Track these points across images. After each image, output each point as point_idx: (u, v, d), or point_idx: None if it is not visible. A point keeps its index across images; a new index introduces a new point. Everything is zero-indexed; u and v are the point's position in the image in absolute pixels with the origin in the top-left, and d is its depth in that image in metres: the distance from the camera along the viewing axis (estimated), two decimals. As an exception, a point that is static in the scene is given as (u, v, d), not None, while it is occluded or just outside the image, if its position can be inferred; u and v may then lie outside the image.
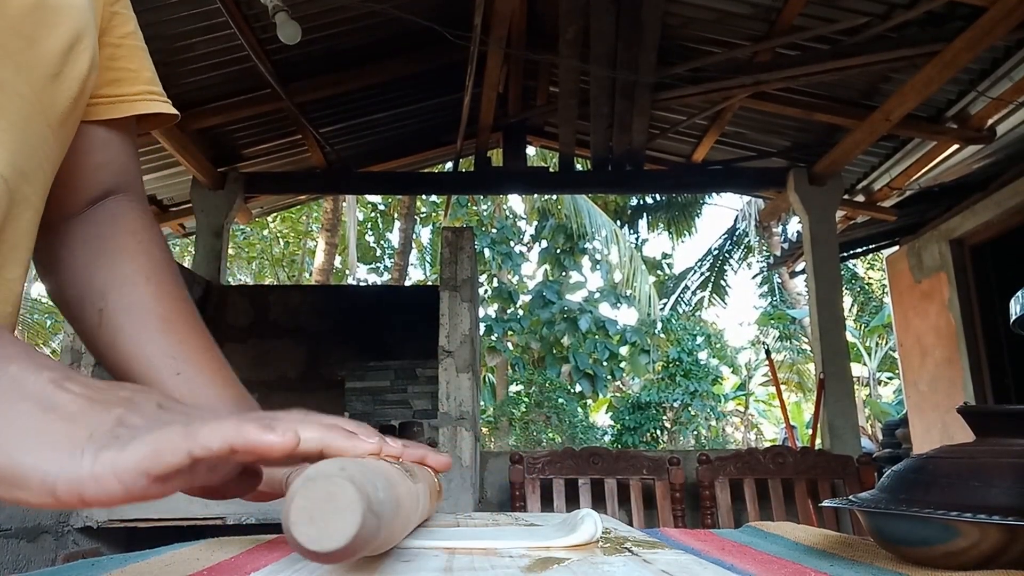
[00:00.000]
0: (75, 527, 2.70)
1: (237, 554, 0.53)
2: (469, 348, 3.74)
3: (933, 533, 0.47)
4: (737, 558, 0.52)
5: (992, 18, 3.08)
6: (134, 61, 0.63)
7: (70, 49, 0.53)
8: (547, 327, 13.00)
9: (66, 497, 0.31)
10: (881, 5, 3.47)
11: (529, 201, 14.29)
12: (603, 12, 3.61)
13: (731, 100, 4.28)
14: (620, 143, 4.62)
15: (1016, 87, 3.67)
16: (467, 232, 4.25)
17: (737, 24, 3.89)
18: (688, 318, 15.35)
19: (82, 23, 0.54)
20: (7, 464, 0.31)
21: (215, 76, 4.11)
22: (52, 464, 0.31)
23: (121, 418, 0.34)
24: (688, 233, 15.03)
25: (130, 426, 0.33)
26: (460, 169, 5.72)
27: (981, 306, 4.99)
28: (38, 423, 0.32)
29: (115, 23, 0.61)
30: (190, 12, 3.49)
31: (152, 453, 0.31)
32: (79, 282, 0.61)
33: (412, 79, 4.61)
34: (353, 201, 11.70)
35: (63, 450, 0.32)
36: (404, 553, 0.45)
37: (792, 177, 4.64)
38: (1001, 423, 0.53)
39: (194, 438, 0.32)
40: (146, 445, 0.32)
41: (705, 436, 14.61)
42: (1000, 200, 4.61)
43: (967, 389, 4.95)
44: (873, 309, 14.18)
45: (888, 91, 3.96)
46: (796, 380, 15.12)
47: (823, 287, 4.45)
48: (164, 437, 0.32)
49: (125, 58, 0.62)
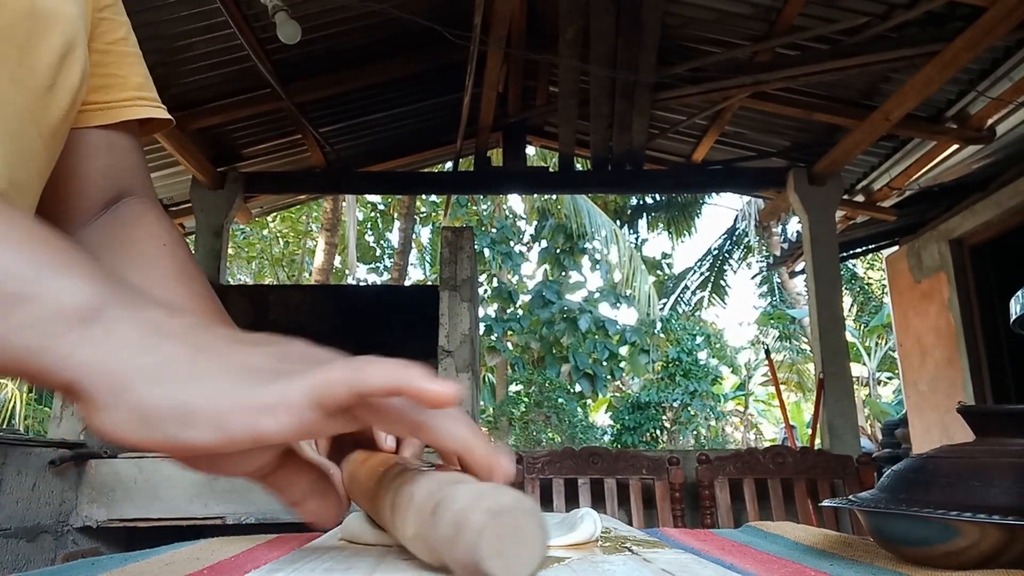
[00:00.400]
0: (74, 527, 2.70)
1: (237, 554, 0.53)
2: (469, 348, 3.74)
3: (933, 533, 0.47)
4: (737, 558, 0.52)
5: (992, 18, 3.08)
6: (123, 67, 0.63)
7: (63, 59, 0.53)
8: (547, 327, 13.01)
9: (239, 433, 0.30)
10: (881, 5, 3.47)
11: (529, 201, 14.30)
12: (603, 12, 3.61)
13: (731, 100, 4.28)
14: (620, 143, 4.62)
15: (1016, 87, 3.67)
16: (467, 232, 4.25)
17: (737, 24, 3.89)
18: (688, 318, 15.36)
19: (74, 32, 0.54)
20: (173, 403, 0.30)
21: (215, 76, 4.10)
22: (222, 399, 0.30)
23: (274, 354, 0.33)
24: (688, 233, 15.04)
25: (286, 362, 0.33)
26: (460, 169, 5.72)
27: (981, 306, 4.99)
28: (195, 362, 0.32)
29: (103, 29, 0.61)
30: (190, 12, 3.49)
31: (322, 385, 0.31)
32: None
33: (412, 79, 4.61)
34: (353, 201, 11.71)
35: (230, 386, 0.31)
36: (404, 551, 0.45)
37: (792, 177, 4.64)
38: (1001, 423, 0.53)
39: (361, 374, 0.31)
40: (314, 378, 0.31)
41: (705, 436, 14.61)
42: (1000, 200, 4.61)
43: (967, 389, 4.95)
44: (873, 309, 14.19)
45: (888, 91, 3.96)
46: (796, 380, 15.13)
47: (823, 287, 4.45)
48: (331, 372, 0.31)
49: (113, 64, 0.62)
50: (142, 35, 0.65)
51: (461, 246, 4.09)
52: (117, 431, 0.31)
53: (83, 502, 2.74)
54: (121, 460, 2.81)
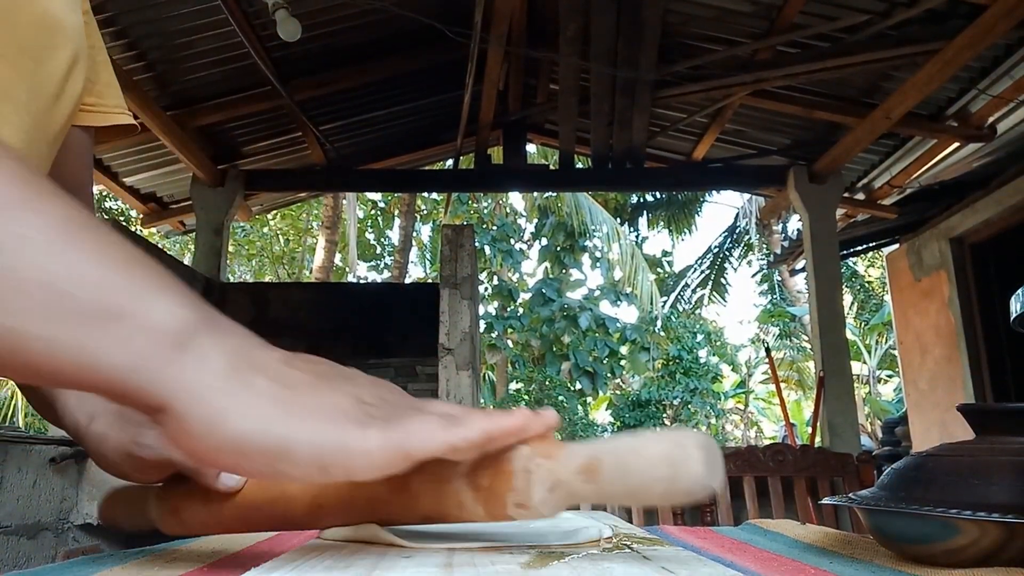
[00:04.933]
0: (75, 524, 2.70)
1: (238, 551, 0.53)
2: (469, 346, 3.74)
3: (933, 531, 0.47)
4: (737, 555, 0.52)
5: (993, 16, 3.08)
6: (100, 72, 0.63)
7: (70, 70, 0.54)
8: (547, 325, 13.00)
9: (335, 471, 0.32)
10: (882, 3, 3.47)
11: (529, 198, 14.28)
12: (604, 10, 3.60)
13: (731, 98, 4.28)
14: (620, 140, 4.61)
15: (1016, 85, 3.66)
16: (467, 230, 4.26)
17: (738, 22, 3.88)
18: (688, 316, 15.35)
19: (79, 43, 0.54)
20: (272, 440, 0.31)
21: (215, 73, 4.10)
22: (323, 441, 0.32)
23: (358, 396, 0.35)
24: (688, 231, 15.02)
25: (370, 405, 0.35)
26: (460, 166, 5.71)
27: (981, 304, 4.99)
28: (289, 401, 0.33)
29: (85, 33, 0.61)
30: (191, 9, 3.49)
31: (421, 442, 0.33)
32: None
33: (412, 76, 4.61)
34: (353, 198, 11.70)
35: (327, 427, 0.33)
36: (404, 550, 0.46)
37: (792, 175, 4.64)
38: (1001, 421, 0.53)
39: (456, 434, 0.34)
40: (411, 431, 0.34)
41: (705, 434, 14.60)
42: (1000, 198, 4.61)
43: (967, 387, 4.95)
44: (873, 307, 14.18)
45: (889, 89, 3.95)
46: (796, 378, 15.13)
47: (823, 285, 4.45)
48: (427, 427, 0.34)
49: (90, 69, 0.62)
50: (143, 32, 0.65)
51: (461, 244, 4.09)
52: (208, 458, 0.32)
53: (84, 499, 2.74)
54: (122, 457, 2.81)
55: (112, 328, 0.31)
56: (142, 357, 0.31)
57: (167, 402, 0.32)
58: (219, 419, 0.32)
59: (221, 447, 0.32)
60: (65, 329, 0.30)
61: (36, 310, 0.30)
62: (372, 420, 0.34)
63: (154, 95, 3.98)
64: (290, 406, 0.33)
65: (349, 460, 0.33)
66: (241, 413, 0.32)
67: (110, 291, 0.31)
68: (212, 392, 0.32)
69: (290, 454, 0.32)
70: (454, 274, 3.99)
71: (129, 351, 0.31)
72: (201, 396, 0.32)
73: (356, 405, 0.35)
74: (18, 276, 0.30)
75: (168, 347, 0.32)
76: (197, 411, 0.32)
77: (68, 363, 0.31)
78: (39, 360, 0.30)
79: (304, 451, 0.32)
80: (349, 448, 0.33)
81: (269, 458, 0.32)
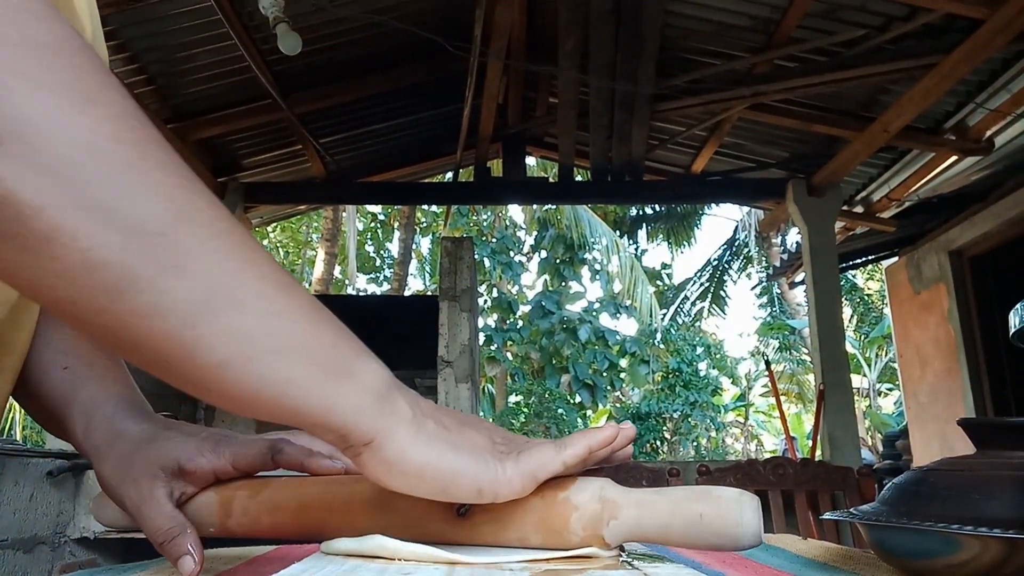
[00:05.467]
0: (72, 538, 2.69)
1: (235, 566, 0.53)
2: (468, 358, 3.74)
3: (934, 546, 0.47)
4: (738, 571, 0.52)
5: (990, 30, 3.09)
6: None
7: None
8: (547, 337, 12.99)
9: (487, 494, 0.43)
10: (879, 17, 3.49)
11: (529, 211, 14.31)
12: (603, 24, 3.62)
13: (730, 111, 4.30)
14: (619, 154, 4.63)
15: (1014, 99, 3.68)
16: (466, 242, 4.27)
17: (736, 36, 3.90)
18: (688, 328, 15.34)
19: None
20: (447, 469, 0.42)
21: (216, 86, 4.12)
22: (481, 471, 0.43)
23: (491, 437, 0.46)
24: (687, 243, 15.05)
25: (502, 444, 0.46)
26: (460, 179, 5.73)
27: (980, 317, 4.99)
28: (451, 440, 0.43)
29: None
30: (192, 23, 3.51)
31: (540, 464, 0.44)
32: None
33: (412, 90, 4.62)
34: (353, 211, 11.72)
35: (479, 461, 0.43)
36: (404, 566, 0.45)
37: (791, 188, 4.65)
38: (1001, 435, 0.53)
39: (564, 450, 0.45)
40: (533, 459, 0.44)
41: (705, 447, 14.59)
42: (999, 211, 4.62)
43: (967, 400, 4.94)
44: (873, 320, 14.19)
45: (887, 103, 3.97)
46: (796, 391, 15.10)
47: (822, 298, 4.46)
48: (546, 451, 0.45)
49: None
50: (144, 46, 0.65)
51: (461, 256, 4.10)
52: (397, 482, 0.42)
53: (80, 513, 2.73)
54: (119, 471, 2.79)
55: (344, 383, 0.40)
56: (363, 405, 0.41)
57: (372, 440, 0.41)
58: (408, 453, 0.42)
59: (407, 472, 0.42)
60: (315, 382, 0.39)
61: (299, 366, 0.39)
62: (505, 455, 0.44)
63: (155, 108, 3.99)
64: (452, 445, 0.43)
65: (496, 486, 0.43)
66: (422, 449, 0.42)
67: (342, 351, 0.41)
68: (403, 433, 0.42)
69: (457, 481, 0.42)
70: (453, 286, 3.99)
71: (356, 401, 0.41)
72: (396, 435, 0.42)
73: (492, 444, 0.45)
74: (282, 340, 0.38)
75: (376, 398, 0.41)
76: (393, 446, 0.41)
77: (311, 407, 0.39)
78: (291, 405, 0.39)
79: (467, 479, 0.42)
80: (496, 477, 0.43)
81: (441, 483, 0.42)
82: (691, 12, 3.85)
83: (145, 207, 0.33)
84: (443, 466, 0.42)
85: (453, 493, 0.43)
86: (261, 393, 0.38)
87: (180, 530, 0.49)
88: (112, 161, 0.33)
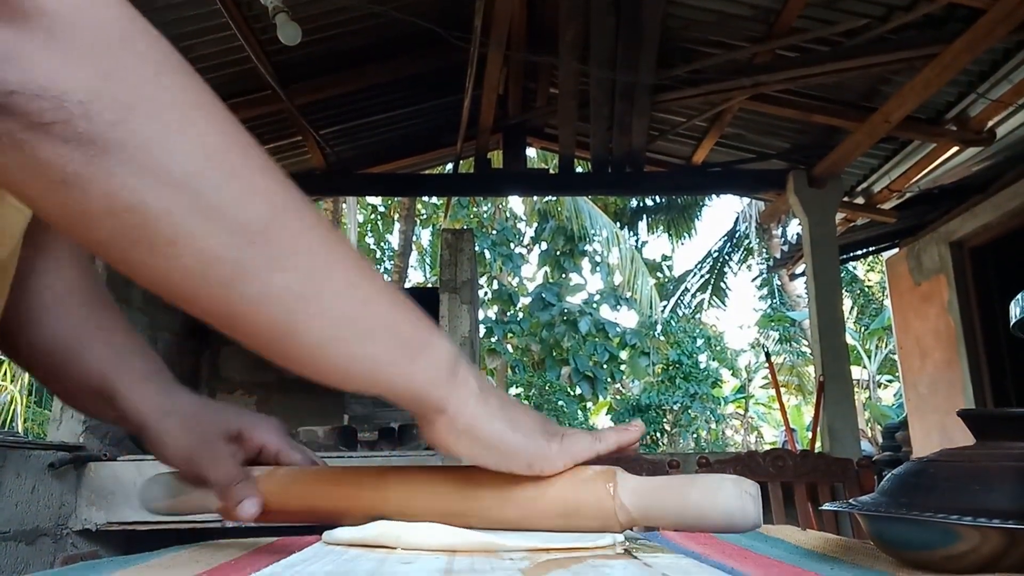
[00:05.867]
0: (73, 529, 2.70)
1: (237, 556, 0.53)
2: (468, 350, 3.74)
3: (933, 537, 0.47)
4: (738, 561, 0.52)
5: (991, 20, 3.08)
6: None
7: None
8: (547, 329, 12.99)
9: (536, 468, 0.48)
10: (880, 7, 3.47)
11: (529, 203, 14.29)
12: (603, 14, 3.61)
13: (731, 102, 4.29)
14: (620, 145, 4.62)
15: (1016, 89, 3.67)
16: (467, 234, 4.26)
17: (736, 26, 3.89)
18: (688, 320, 15.35)
19: None
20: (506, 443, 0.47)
21: (215, 77, 4.10)
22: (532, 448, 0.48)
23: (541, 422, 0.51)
24: (688, 235, 15.02)
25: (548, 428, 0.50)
26: (460, 171, 5.72)
27: (981, 309, 4.99)
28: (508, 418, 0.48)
29: None
30: (190, 13, 3.49)
31: (580, 450, 0.50)
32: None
33: (412, 80, 4.61)
34: (353, 202, 11.72)
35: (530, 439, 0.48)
36: (405, 555, 0.46)
37: (792, 179, 4.64)
38: (1001, 426, 0.53)
39: (599, 442, 0.51)
40: (575, 444, 0.50)
41: (705, 439, 14.61)
42: (1000, 203, 4.61)
43: (967, 392, 4.94)
44: (873, 311, 14.18)
45: (888, 93, 3.96)
46: (796, 383, 15.11)
47: (823, 289, 4.45)
48: (585, 439, 0.51)
49: None
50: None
51: (461, 248, 4.10)
52: (462, 450, 0.47)
53: (82, 505, 2.74)
54: (120, 463, 2.80)
55: (421, 358, 0.44)
56: (439, 377, 0.45)
57: (443, 409, 0.45)
58: (476, 423, 0.46)
59: (474, 441, 0.47)
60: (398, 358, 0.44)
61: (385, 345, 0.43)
62: (552, 436, 0.49)
63: (154, 99, 3.98)
64: (512, 421, 0.48)
65: (545, 462, 0.48)
66: (490, 421, 0.47)
67: (419, 330, 0.45)
68: (472, 404, 0.46)
69: (515, 454, 0.47)
70: (454, 278, 3.99)
71: (433, 373, 0.45)
72: (467, 405, 0.46)
73: (541, 425, 0.50)
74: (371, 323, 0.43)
75: (448, 371, 0.46)
76: (463, 415, 0.46)
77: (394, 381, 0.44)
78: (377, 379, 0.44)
79: (523, 453, 0.48)
80: (545, 454, 0.48)
81: (502, 455, 0.47)
82: (692, 2, 3.83)
83: (250, 208, 0.37)
84: (506, 439, 0.47)
85: (508, 464, 0.48)
86: (352, 369, 0.43)
87: (244, 476, 0.57)
88: (222, 168, 0.37)
